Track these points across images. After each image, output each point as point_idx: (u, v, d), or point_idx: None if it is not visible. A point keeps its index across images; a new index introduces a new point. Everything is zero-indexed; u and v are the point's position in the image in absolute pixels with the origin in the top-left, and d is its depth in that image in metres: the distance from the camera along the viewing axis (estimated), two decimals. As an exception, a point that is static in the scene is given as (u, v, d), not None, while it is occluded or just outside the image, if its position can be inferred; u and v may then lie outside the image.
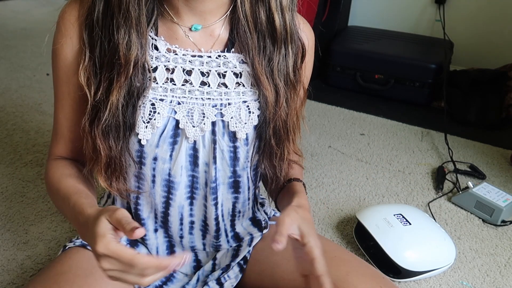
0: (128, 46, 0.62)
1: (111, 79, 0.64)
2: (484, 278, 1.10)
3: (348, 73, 2.14)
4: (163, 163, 0.70)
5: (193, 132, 0.68)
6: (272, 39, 0.67)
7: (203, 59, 0.68)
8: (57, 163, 0.74)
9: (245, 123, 0.69)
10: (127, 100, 0.65)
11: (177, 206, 0.74)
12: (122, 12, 0.61)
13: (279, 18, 0.66)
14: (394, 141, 1.74)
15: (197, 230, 0.78)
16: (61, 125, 0.73)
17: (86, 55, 0.64)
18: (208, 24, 0.68)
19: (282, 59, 0.69)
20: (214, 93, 0.69)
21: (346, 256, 0.78)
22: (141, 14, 0.62)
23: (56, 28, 0.67)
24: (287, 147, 0.74)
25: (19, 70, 2.20)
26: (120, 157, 0.68)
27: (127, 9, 0.61)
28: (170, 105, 0.67)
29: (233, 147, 0.71)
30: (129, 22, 0.62)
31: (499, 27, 2.15)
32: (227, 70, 0.69)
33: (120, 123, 0.65)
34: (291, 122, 0.73)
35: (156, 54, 0.67)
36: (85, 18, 0.64)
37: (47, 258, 1.08)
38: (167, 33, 0.68)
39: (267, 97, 0.69)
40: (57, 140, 0.75)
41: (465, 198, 1.33)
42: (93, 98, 0.65)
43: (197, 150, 0.70)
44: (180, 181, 0.72)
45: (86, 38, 0.64)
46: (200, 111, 0.68)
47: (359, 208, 1.32)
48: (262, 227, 0.85)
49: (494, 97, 1.94)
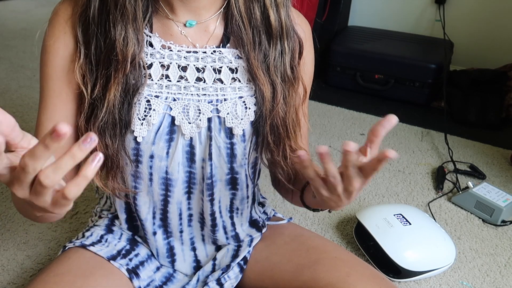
0: (125, 42, 0.62)
1: (108, 76, 0.63)
2: (484, 278, 1.10)
3: (348, 73, 2.14)
4: (159, 161, 0.70)
5: (189, 129, 0.68)
6: (268, 35, 0.67)
7: (198, 54, 0.68)
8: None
9: (242, 119, 0.69)
10: (122, 97, 0.64)
11: (176, 202, 0.74)
12: (119, 7, 0.61)
13: (274, 14, 0.66)
14: (394, 141, 1.74)
15: (195, 222, 0.78)
16: (43, 128, 0.69)
17: (82, 53, 0.64)
18: (203, 19, 0.68)
19: (278, 55, 0.68)
20: (209, 89, 0.68)
21: (346, 256, 0.77)
22: (138, 10, 0.62)
23: (49, 25, 0.66)
24: (288, 144, 0.73)
25: (19, 70, 2.20)
26: (117, 155, 0.67)
27: (123, 4, 0.61)
28: (165, 101, 0.67)
29: (230, 143, 0.71)
30: (126, 17, 0.62)
31: (499, 27, 2.15)
32: (222, 66, 0.69)
33: (116, 120, 0.65)
34: (290, 119, 0.72)
35: (151, 51, 0.67)
36: (79, 15, 0.64)
37: (47, 258, 1.08)
38: (161, 29, 0.68)
39: (264, 92, 0.68)
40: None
41: (465, 198, 1.33)
42: (90, 96, 0.64)
43: (194, 147, 0.70)
44: (177, 178, 0.71)
45: (81, 35, 0.64)
46: (195, 107, 0.68)
47: (359, 208, 1.32)
48: (260, 227, 0.85)
49: (494, 97, 1.94)
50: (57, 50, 0.66)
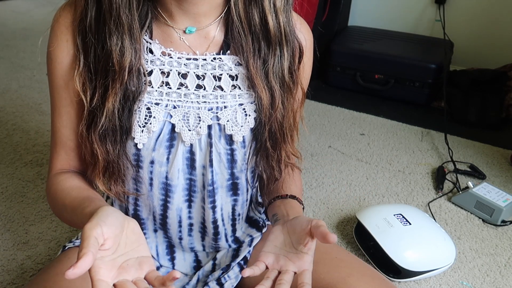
0: (121, 53, 0.61)
1: (106, 85, 0.63)
2: (484, 278, 1.10)
3: (348, 73, 2.14)
4: (160, 166, 0.70)
5: (189, 136, 0.68)
6: (267, 41, 0.66)
7: (198, 62, 0.68)
8: (59, 178, 0.71)
9: (242, 126, 0.69)
10: (122, 104, 0.64)
11: (175, 209, 0.74)
12: (113, 18, 0.60)
13: (272, 20, 0.65)
14: (394, 141, 1.74)
15: (196, 232, 0.78)
16: (60, 134, 0.71)
17: (81, 61, 0.64)
18: (203, 26, 0.67)
19: (277, 61, 0.67)
20: (210, 96, 0.68)
21: (347, 257, 0.77)
22: (133, 20, 0.61)
23: (51, 32, 0.66)
24: (284, 149, 0.73)
25: (19, 70, 2.20)
26: (118, 160, 0.67)
27: (118, 15, 0.60)
28: (165, 109, 0.67)
29: (230, 149, 0.70)
30: (121, 28, 0.61)
31: (499, 27, 2.15)
32: (222, 73, 0.68)
33: (116, 127, 0.65)
34: (288, 124, 0.72)
35: (151, 58, 0.66)
36: (78, 23, 0.63)
37: (47, 258, 1.08)
38: (161, 36, 0.67)
39: (262, 99, 0.68)
40: (57, 151, 0.72)
41: (465, 198, 1.33)
42: (89, 104, 0.64)
43: (194, 154, 0.70)
44: (177, 184, 0.71)
45: (80, 43, 0.63)
46: (196, 115, 0.68)
47: (359, 208, 1.32)
48: (261, 227, 0.85)
49: (494, 97, 1.94)
50: (61, 58, 0.66)
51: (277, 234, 0.64)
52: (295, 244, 0.61)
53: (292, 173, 0.81)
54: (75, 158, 0.73)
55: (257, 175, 0.78)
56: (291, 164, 0.79)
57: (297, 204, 0.75)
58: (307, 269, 0.59)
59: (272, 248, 0.63)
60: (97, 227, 0.48)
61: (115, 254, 0.51)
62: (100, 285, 0.47)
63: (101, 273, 0.48)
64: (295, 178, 0.81)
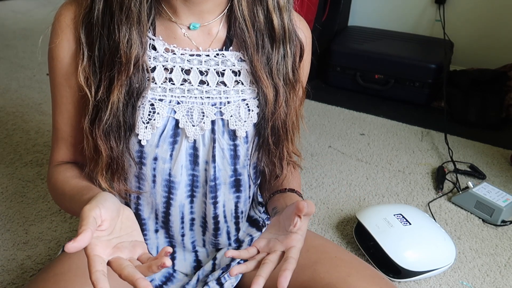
0: (129, 44, 0.62)
1: (111, 78, 0.63)
2: (484, 278, 1.10)
3: (348, 73, 2.14)
4: (163, 163, 0.70)
5: (193, 131, 0.68)
6: (271, 38, 0.67)
7: (202, 57, 0.68)
8: (59, 169, 0.74)
9: (245, 121, 0.70)
10: (126, 100, 0.64)
11: (178, 205, 0.74)
12: (124, 9, 0.61)
13: (277, 18, 0.66)
14: (394, 141, 1.74)
15: (197, 227, 0.78)
16: (61, 131, 0.73)
17: (85, 55, 0.64)
18: (206, 22, 0.68)
19: (281, 59, 0.69)
20: (213, 91, 0.69)
21: (347, 256, 0.78)
22: (142, 12, 0.62)
23: (52, 30, 0.67)
24: (286, 147, 0.74)
25: (19, 70, 2.20)
26: (121, 157, 0.67)
27: (129, 6, 0.61)
28: (169, 105, 0.67)
29: (233, 145, 0.71)
30: (131, 19, 0.62)
31: (499, 27, 2.15)
32: (225, 69, 0.69)
33: (120, 123, 0.65)
34: (290, 121, 0.73)
35: (154, 54, 0.67)
36: (82, 17, 0.64)
37: (47, 258, 1.08)
38: (165, 32, 0.68)
39: (267, 94, 0.69)
40: (58, 146, 0.74)
41: (465, 198, 1.33)
42: (94, 97, 0.64)
43: (197, 149, 0.70)
44: (180, 180, 0.72)
45: (84, 37, 0.64)
46: (199, 110, 0.68)
47: (359, 208, 1.32)
48: (261, 227, 0.85)
49: (494, 97, 1.94)
50: (63, 55, 0.66)
51: (274, 223, 0.65)
52: (287, 227, 0.61)
53: (293, 171, 0.81)
54: (75, 153, 0.74)
55: (259, 171, 0.78)
56: (292, 162, 0.80)
57: (297, 196, 0.75)
58: (294, 246, 0.59)
59: (266, 235, 0.64)
60: (96, 208, 0.51)
61: (111, 236, 0.54)
62: (96, 260, 0.49)
63: (97, 250, 0.50)
64: (295, 176, 0.82)
